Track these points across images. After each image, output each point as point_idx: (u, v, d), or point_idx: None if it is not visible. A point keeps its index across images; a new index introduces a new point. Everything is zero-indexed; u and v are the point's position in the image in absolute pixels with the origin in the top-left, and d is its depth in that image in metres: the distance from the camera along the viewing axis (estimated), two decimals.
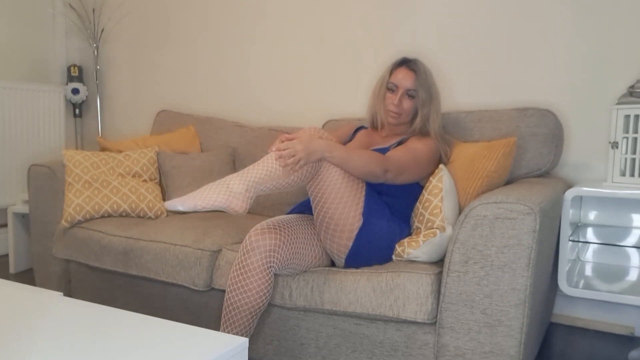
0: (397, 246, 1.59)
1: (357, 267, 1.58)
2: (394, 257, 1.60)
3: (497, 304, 1.35)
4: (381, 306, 1.47)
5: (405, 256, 1.56)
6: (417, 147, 1.70)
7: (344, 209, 1.52)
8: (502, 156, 1.70)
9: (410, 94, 1.76)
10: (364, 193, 1.56)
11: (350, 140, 1.95)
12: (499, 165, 1.69)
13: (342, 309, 1.52)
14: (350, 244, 1.55)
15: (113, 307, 1.20)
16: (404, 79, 1.76)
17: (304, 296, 1.57)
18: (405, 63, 1.80)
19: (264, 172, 1.44)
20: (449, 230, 1.53)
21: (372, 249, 1.56)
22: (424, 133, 1.80)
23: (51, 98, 3.11)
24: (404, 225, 1.66)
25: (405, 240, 1.58)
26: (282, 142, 1.50)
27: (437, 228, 1.54)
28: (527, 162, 1.88)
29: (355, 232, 1.54)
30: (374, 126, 1.90)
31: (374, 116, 1.88)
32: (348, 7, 2.47)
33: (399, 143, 1.78)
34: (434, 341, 1.46)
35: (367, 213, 1.55)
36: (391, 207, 1.64)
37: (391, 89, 1.79)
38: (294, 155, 1.43)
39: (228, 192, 1.38)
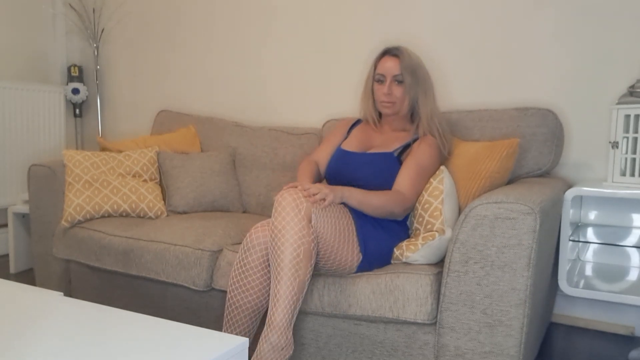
0: (395, 249, 1.59)
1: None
2: (392, 260, 1.59)
3: (497, 303, 1.35)
4: (381, 308, 1.47)
5: (403, 259, 1.55)
6: (422, 161, 1.68)
7: (341, 254, 1.50)
8: (505, 157, 1.69)
9: (397, 79, 1.73)
10: (354, 227, 1.54)
11: (346, 138, 1.90)
12: (501, 166, 1.69)
13: (342, 312, 1.52)
14: (354, 271, 1.55)
15: (113, 307, 1.20)
16: (389, 66, 1.74)
17: (304, 299, 1.57)
18: (388, 52, 1.77)
19: (290, 289, 1.37)
20: (448, 233, 1.52)
21: (373, 265, 1.57)
22: (421, 131, 1.76)
23: (51, 98, 3.11)
24: (400, 231, 1.65)
25: (404, 244, 1.57)
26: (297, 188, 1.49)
27: (436, 231, 1.53)
28: (528, 161, 1.88)
29: (356, 265, 1.53)
30: (373, 123, 1.88)
31: (367, 114, 1.87)
32: (348, 8, 2.47)
33: (403, 149, 1.75)
34: (434, 341, 1.46)
35: (364, 247, 1.53)
36: (380, 219, 1.62)
37: (379, 80, 1.77)
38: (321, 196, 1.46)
39: (273, 351, 1.34)
